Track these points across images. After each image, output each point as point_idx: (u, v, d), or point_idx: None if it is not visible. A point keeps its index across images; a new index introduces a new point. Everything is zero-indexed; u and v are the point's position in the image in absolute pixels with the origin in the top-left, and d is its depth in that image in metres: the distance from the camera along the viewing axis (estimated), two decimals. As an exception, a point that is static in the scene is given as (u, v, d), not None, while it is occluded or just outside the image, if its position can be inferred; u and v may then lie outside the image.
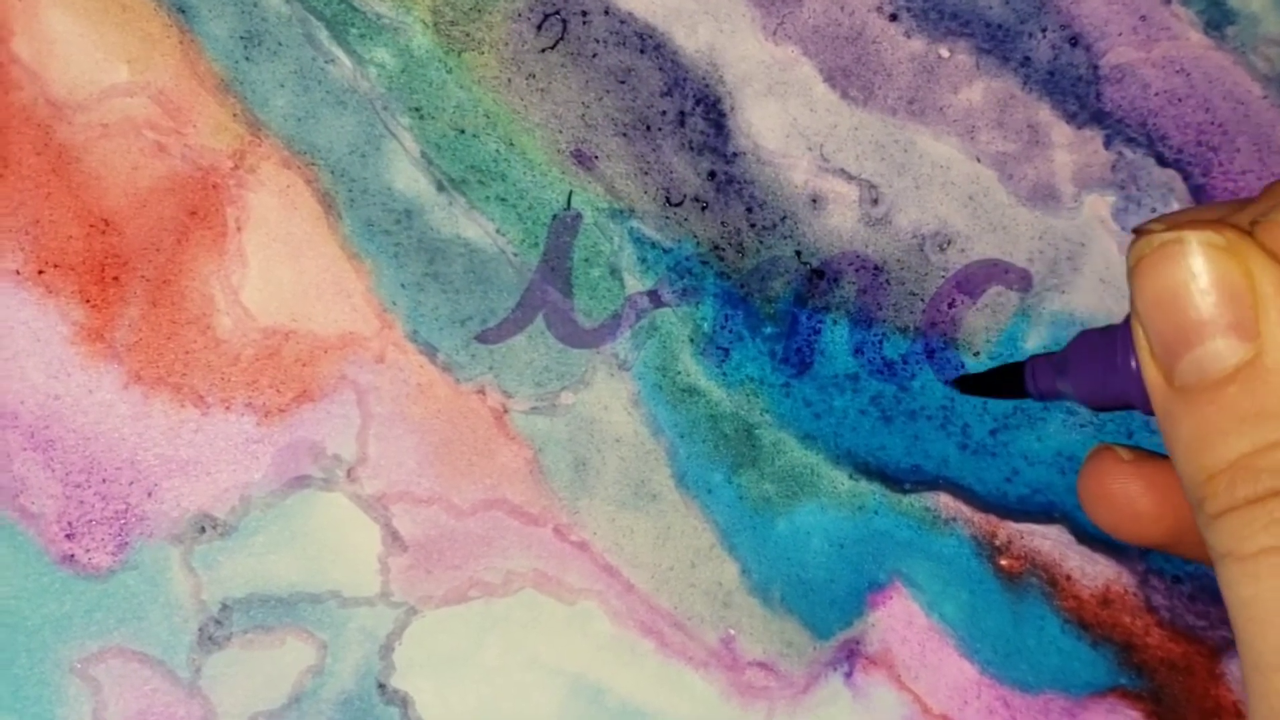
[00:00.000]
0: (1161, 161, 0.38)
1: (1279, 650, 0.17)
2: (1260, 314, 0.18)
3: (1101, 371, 0.22)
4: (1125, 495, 0.23)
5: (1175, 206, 0.38)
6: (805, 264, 0.37)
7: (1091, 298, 0.37)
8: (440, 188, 0.36)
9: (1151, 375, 0.19)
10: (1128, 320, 0.21)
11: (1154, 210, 0.38)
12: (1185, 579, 0.36)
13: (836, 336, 0.37)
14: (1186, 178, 0.38)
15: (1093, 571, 0.36)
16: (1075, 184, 0.37)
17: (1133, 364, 0.21)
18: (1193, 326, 0.18)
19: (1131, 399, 0.22)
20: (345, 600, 0.35)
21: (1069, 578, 0.36)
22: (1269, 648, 0.17)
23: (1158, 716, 0.36)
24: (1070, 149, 0.37)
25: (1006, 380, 0.26)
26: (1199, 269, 0.18)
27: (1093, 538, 0.37)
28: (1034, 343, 0.37)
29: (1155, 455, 0.24)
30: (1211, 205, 0.22)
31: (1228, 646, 0.36)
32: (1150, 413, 0.20)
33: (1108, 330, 0.22)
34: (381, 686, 0.34)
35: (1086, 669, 0.36)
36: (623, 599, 0.35)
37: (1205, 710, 0.36)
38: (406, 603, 0.35)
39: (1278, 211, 0.19)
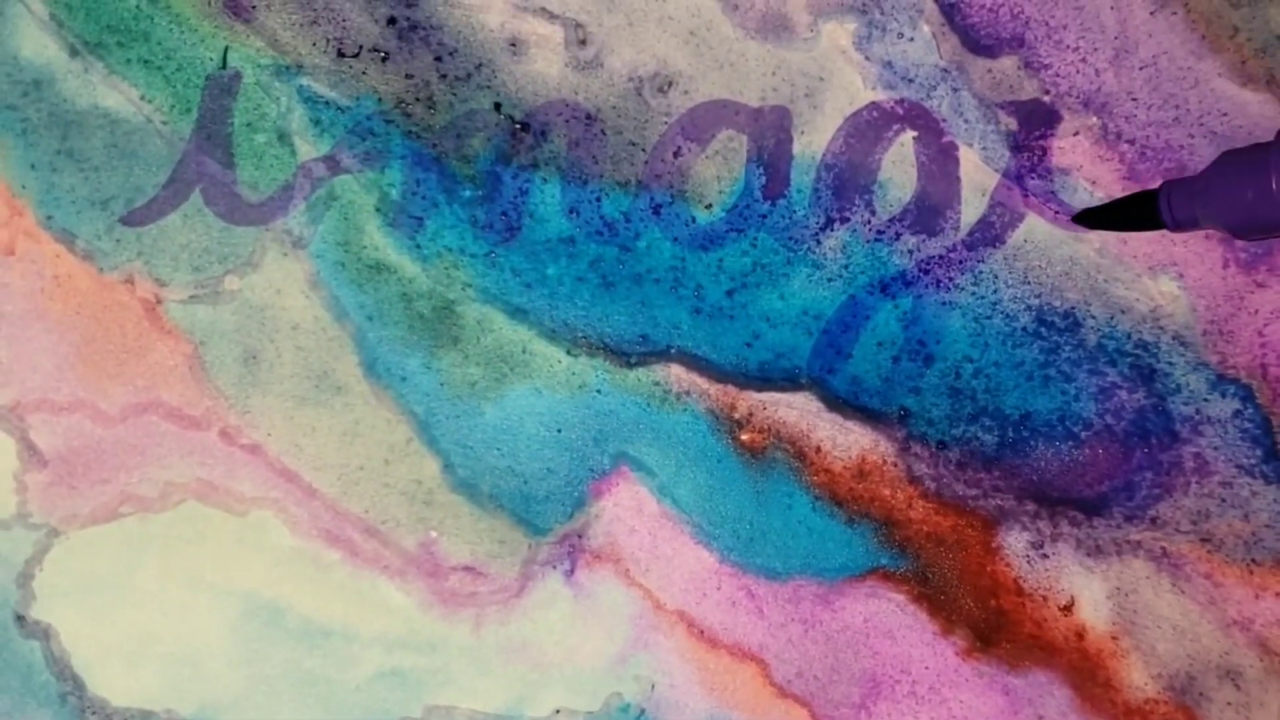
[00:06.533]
0: (907, -21, 0.33)
1: None
2: None
3: (1251, 195, 0.20)
4: None
5: (925, 29, 0.33)
6: (507, 117, 0.32)
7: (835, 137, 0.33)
8: (74, 53, 0.31)
9: None
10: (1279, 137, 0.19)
11: (901, 35, 0.33)
12: (951, 444, 0.32)
13: (547, 196, 0.32)
14: (937, -5, 0.33)
15: (846, 441, 0.32)
16: (810, 11, 0.33)
17: None
18: None
19: None
20: (-24, 526, 0.30)
21: (819, 449, 0.32)
22: None
23: (925, 599, 0.32)
24: (802, -29, 0.33)
25: (1137, 211, 0.24)
26: None
27: (845, 404, 0.32)
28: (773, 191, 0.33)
29: None
30: None
31: (1003, 517, 0.32)
32: None
33: (1256, 150, 0.21)
34: (20, 618, 0.30)
35: (841, 550, 0.32)
36: (304, 506, 0.31)
37: (980, 589, 0.32)
38: (47, 524, 0.30)
39: None
